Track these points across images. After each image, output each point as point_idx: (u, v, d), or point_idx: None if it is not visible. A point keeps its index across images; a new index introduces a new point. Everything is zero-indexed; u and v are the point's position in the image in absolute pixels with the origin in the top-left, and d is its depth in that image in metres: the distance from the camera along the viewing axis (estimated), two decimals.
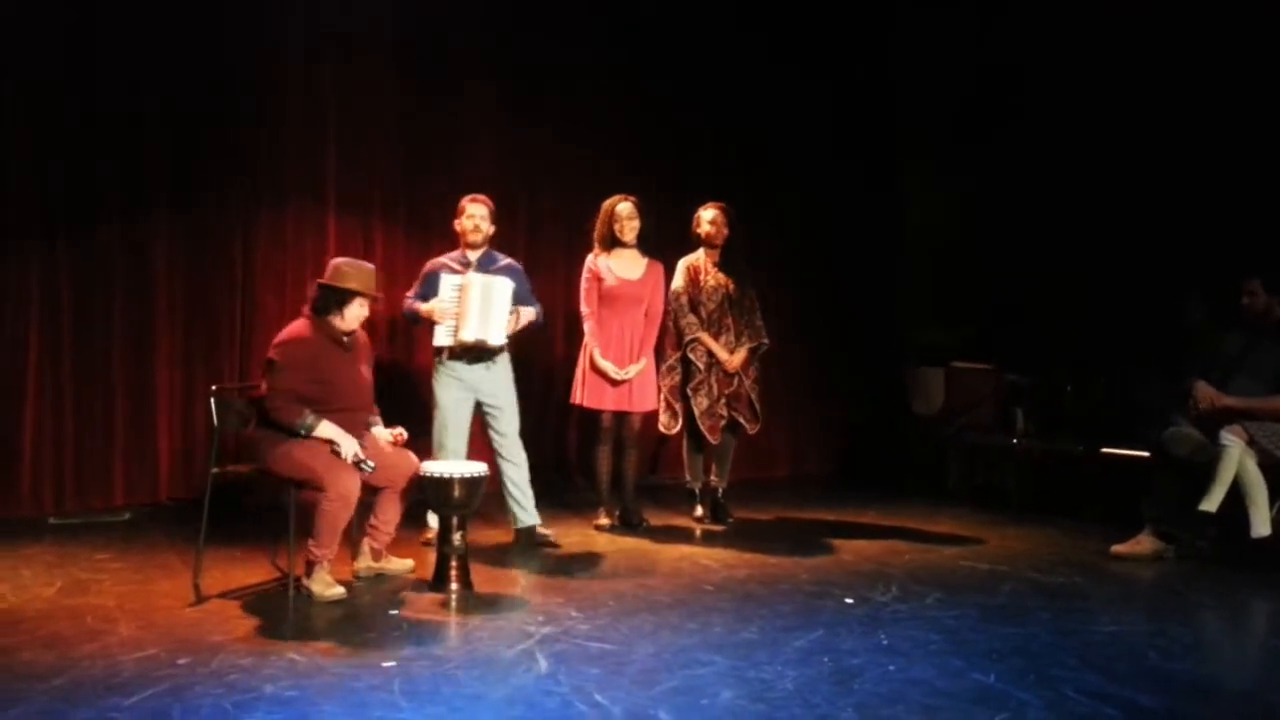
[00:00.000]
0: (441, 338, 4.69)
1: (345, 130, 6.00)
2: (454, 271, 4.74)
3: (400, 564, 4.30)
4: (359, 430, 4.05)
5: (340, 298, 4.03)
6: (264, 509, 5.36)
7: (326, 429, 3.90)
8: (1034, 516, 5.58)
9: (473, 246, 4.82)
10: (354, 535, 4.23)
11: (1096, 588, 4.18)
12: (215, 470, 4.08)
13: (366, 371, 4.19)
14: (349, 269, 4.08)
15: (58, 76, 5.32)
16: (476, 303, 4.59)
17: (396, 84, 6.13)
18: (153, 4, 5.47)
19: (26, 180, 5.31)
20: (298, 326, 4.04)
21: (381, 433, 4.16)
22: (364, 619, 3.66)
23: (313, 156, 5.93)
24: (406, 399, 5.71)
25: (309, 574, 3.91)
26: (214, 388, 4.12)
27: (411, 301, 4.80)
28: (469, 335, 4.61)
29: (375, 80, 6.08)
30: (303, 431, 3.87)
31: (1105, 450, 5.60)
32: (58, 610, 3.71)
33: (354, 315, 4.06)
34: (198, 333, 5.65)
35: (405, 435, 4.22)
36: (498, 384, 4.82)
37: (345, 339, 4.07)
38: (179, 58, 5.54)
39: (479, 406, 4.81)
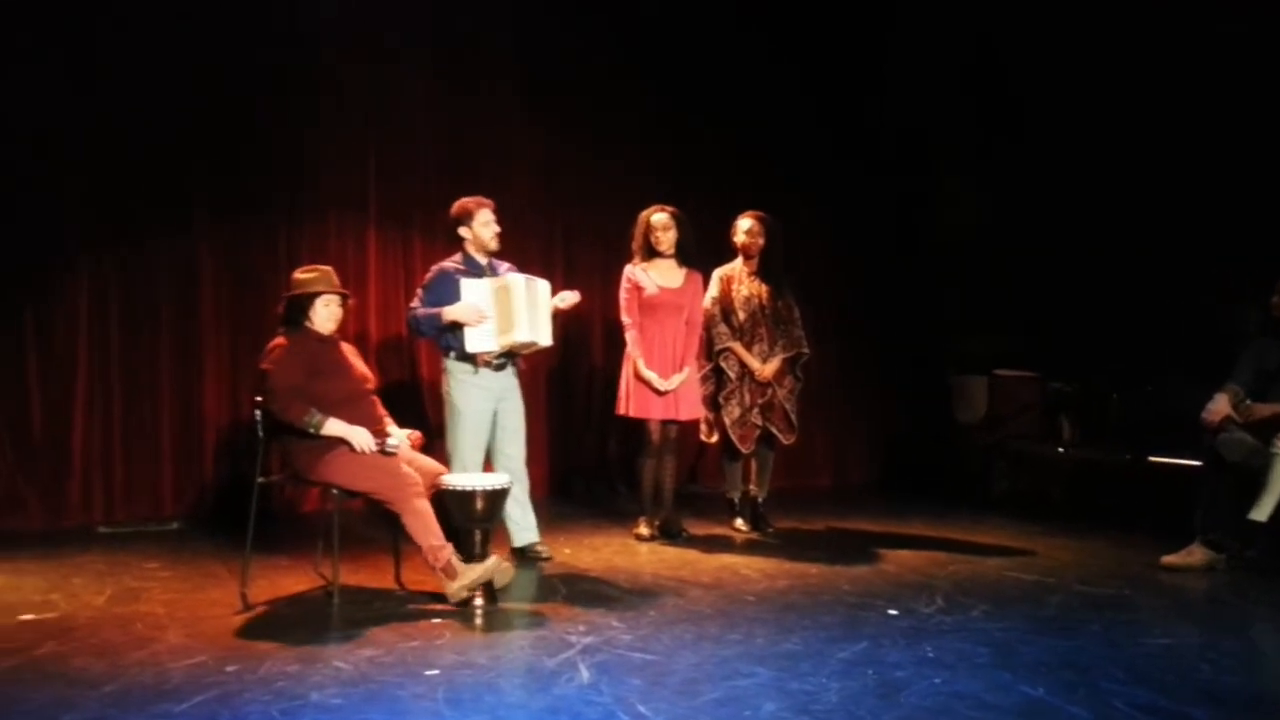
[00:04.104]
0: (478, 342, 4.50)
1: (386, 143, 6.09)
2: (472, 276, 4.60)
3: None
4: (372, 425, 4.03)
5: (303, 303, 4.08)
6: (298, 517, 5.49)
7: (334, 426, 3.89)
8: (1081, 527, 5.49)
9: (490, 252, 4.70)
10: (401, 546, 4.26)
11: (1147, 599, 4.11)
12: (261, 480, 4.12)
13: (358, 361, 4.24)
14: (304, 275, 4.14)
15: (106, 94, 5.44)
16: (524, 303, 4.49)
17: (436, 98, 6.22)
18: (196, 20, 5.57)
19: (77, 199, 5.43)
20: (276, 340, 4.08)
21: (398, 433, 4.14)
22: (407, 628, 3.68)
23: (354, 169, 6.03)
24: (418, 413, 5.76)
25: (450, 577, 3.85)
26: (258, 398, 4.16)
27: (424, 310, 4.56)
28: (523, 336, 4.47)
29: (414, 94, 6.17)
30: (311, 429, 3.87)
31: (1153, 459, 5.50)
32: (108, 618, 3.78)
33: (323, 316, 4.10)
34: (243, 344, 5.73)
35: (421, 436, 4.21)
36: (516, 393, 4.76)
37: (326, 339, 4.12)
38: (223, 73, 5.65)
39: (494, 417, 4.69)
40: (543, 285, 4.62)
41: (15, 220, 5.30)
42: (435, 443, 4.79)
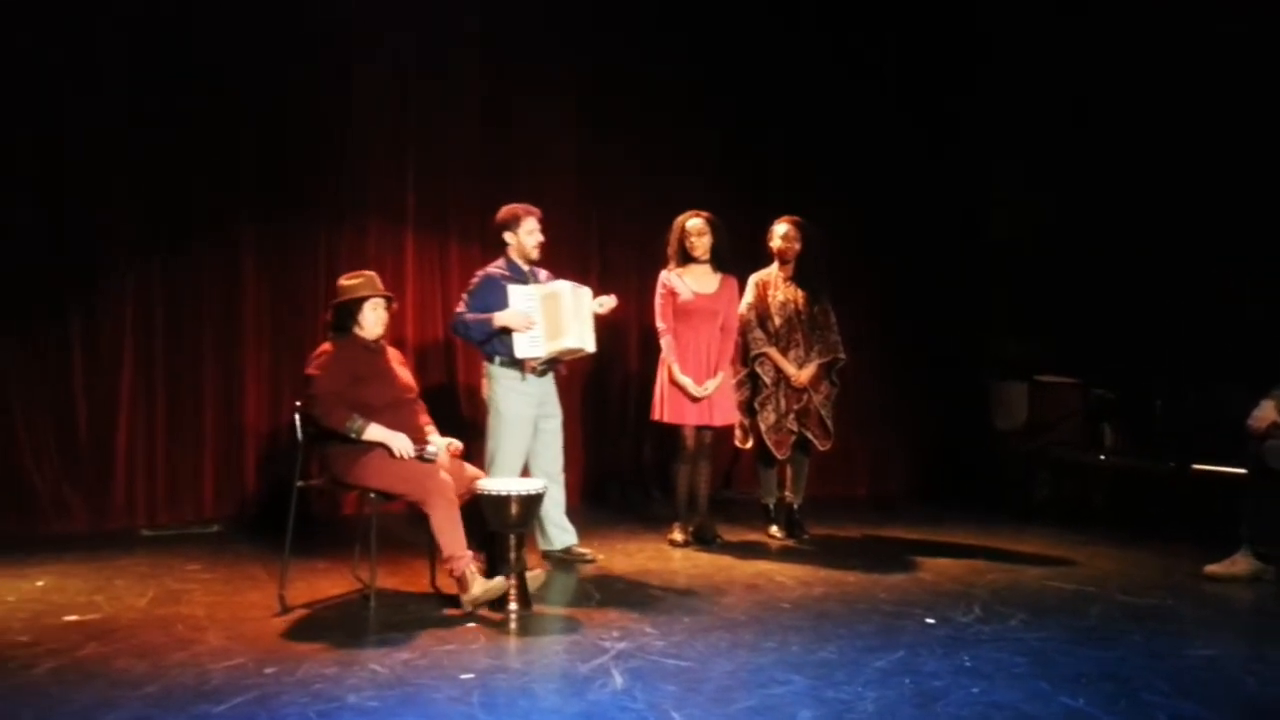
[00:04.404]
0: (526, 348, 4.55)
1: (423, 148, 6.13)
2: (517, 282, 4.64)
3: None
4: (414, 433, 4.07)
5: (351, 309, 4.13)
6: (337, 521, 5.55)
7: (375, 431, 3.93)
8: (1123, 536, 5.40)
9: (533, 261, 4.76)
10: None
11: (1190, 610, 4.03)
12: (300, 484, 4.15)
13: (402, 370, 4.28)
14: (350, 281, 4.19)
15: (154, 101, 5.53)
16: (571, 310, 4.55)
17: (474, 104, 6.25)
18: (241, 26, 5.65)
19: (123, 204, 5.53)
20: (323, 346, 4.14)
21: (438, 442, 4.16)
22: (442, 631, 3.70)
23: (393, 175, 6.08)
24: (456, 417, 5.79)
25: (463, 588, 3.89)
26: (298, 403, 4.20)
27: (473, 315, 4.59)
28: (571, 342, 4.53)
29: (453, 100, 6.20)
30: (353, 434, 3.92)
31: (1198, 467, 5.41)
32: (150, 619, 3.83)
33: (371, 320, 4.15)
34: (284, 349, 5.80)
35: (461, 446, 4.23)
36: (555, 399, 4.82)
37: (373, 345, 4.17)
38: (266, 80, 5.72)
39: (535, 422, 4.73)
40: (585, 292, 4.68)
41: (62, 225, 5.40)
42: (473, 445, 4.81)
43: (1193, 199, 5.98)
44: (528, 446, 4.71)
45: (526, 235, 4.70)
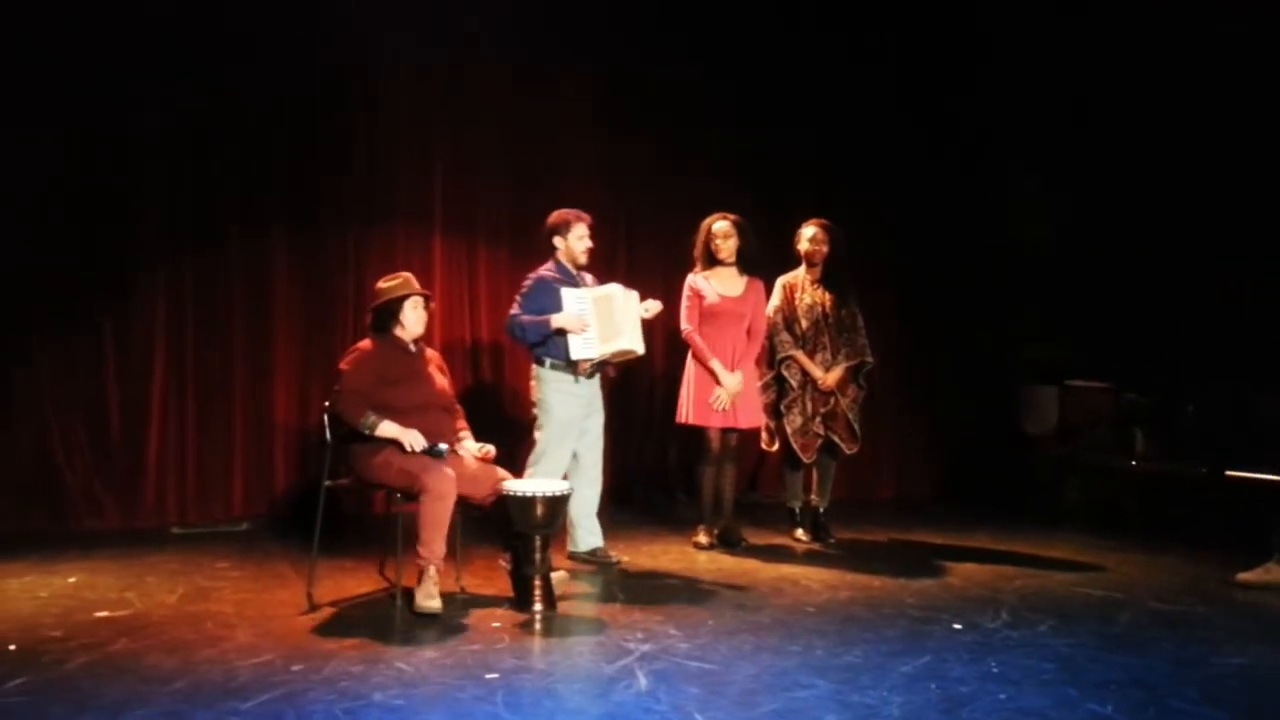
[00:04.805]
0: (581, 350, 4.61)
1: (451, 152, 6.16)
2: (568, 285, 4.70)
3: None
4: (439, 438, 4.08)
5: (392, 309, 4.17)
6: (367, 520, 5.58)
7: (388, 428, 3.96)
8: (1154, 542, 5.34)
9: (581, 266, 4.82)
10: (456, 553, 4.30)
11: (1222, 618, 3.98)
12: (328, 483, 4.19)
13: (438, 375, 4.29)
14: (388, 283, 4.23)
15: (186, 105, 5.59)
16: (624, 312, 4.63)
17: (501, 106, 6.27)
18: (269, 31, 5.70)
19: (156, 207, 5.60)
20: (362, 343, 4.21)
21: (470, 446, 4.21)
22: (468, 631, 3.72)
23: (421, 177, 6.11)
24: (499, 417, 5.81)
25: (418, 582, 3.95)
26: (327, 403, 4.21)
27: (529, 317, 4.63)
28: (625, 344, 4.62)
29: (481, 103, 6.23)
30: (366, 430, 3.95)
31: (1230, 473, 5.34)
32: (180, 616, 3.88)
33: (412, 320, 4.19)
34: (313, 350, 5.85)
35: (493, 452, 4.24)
36: (600, 401, 4.87)
37: (412, 347, 4.21)
38: (294, 84, 5.77)
39: (581, 423, 4.78)
40: (633, 295, 4.75)
41: (96, 226, 5.47)
42: (503, 447, 4.79)
43: (1194, 198, 5.91)
44: (574, 447, 4.76)
45: (576, 240, 4.76)
